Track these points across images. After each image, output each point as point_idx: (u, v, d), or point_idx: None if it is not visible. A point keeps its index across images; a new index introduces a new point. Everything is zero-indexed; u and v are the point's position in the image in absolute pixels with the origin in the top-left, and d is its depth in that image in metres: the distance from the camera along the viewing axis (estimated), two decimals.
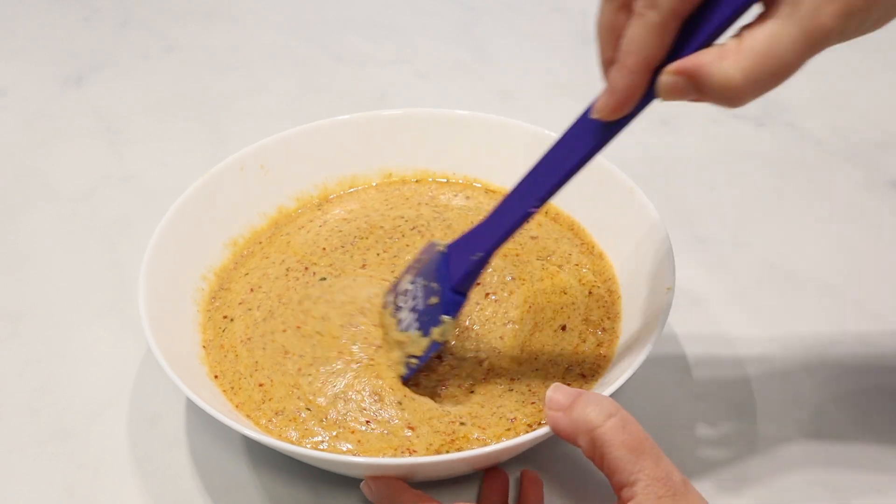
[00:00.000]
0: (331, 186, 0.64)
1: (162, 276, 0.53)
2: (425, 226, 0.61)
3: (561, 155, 0.45)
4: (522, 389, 0.51)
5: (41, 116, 0.81)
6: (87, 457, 0.52)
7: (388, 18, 0.94)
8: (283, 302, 0.56)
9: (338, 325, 0.53)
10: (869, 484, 0.51)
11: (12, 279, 0.64)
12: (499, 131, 0.63)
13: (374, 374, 0.50)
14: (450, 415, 0.49)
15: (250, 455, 0.52)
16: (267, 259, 0.59)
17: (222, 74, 0.86)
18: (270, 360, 0.52)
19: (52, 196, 0.72)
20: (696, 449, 0.52)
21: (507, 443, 0.44)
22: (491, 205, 0.62)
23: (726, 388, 0.56)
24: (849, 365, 0.57)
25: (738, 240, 0.66)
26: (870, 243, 0.66)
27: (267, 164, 0.61)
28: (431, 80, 0.85)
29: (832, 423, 0.54)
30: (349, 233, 0.60)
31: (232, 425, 0.44)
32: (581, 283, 0.57)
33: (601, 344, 0.53)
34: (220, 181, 0.59)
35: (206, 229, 0.58)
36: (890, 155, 0.74)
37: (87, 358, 0.58)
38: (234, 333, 0.54)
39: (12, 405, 0.56)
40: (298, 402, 0.50)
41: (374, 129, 0.64)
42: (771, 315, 0.60)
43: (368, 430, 0.48)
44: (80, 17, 0.94)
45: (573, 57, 0.87)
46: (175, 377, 0.46)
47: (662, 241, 0.53)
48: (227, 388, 0.51)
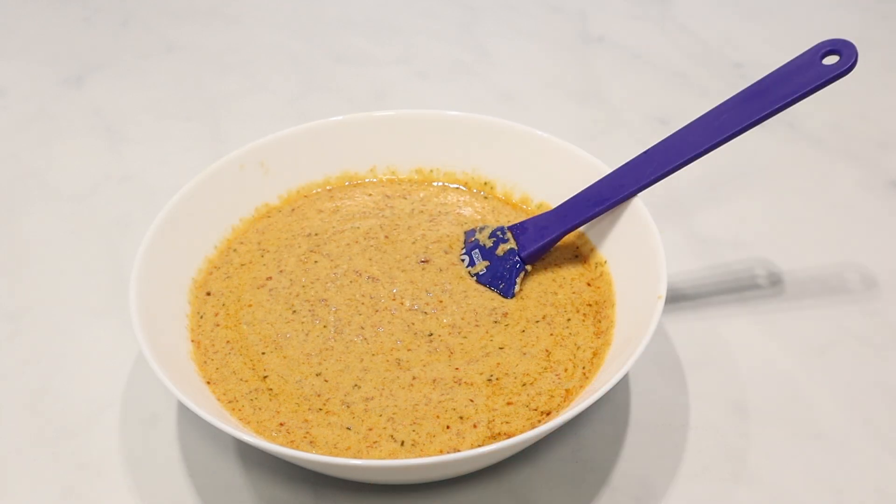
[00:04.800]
0: (329, 185, 0.64)
1: (156, 274, 0.53)
2: (419, 226, 0.61)
3: (675, 146, 0.54)
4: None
5: (41, 116, 0.81)
6: (87, 457, 0.52)
7: (388, 18, 0.94)
8: (280, 300, 0.56)
9: (335, 320, 0.53)
10: (869, 484, 0.51)
11: (12, 279, 0.64)
12: (497, 132, 0.63)
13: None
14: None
15: (243, 457, 0.52)
16: (263, 257, 0.59)
17: (222, 74, 0.86)
18: (268, 359, 0.52)
19: (52, 196, 0.72)
20: (696, 449, 0.52)
21: (505, 442, 0.44)
22: (490, 205, 0.63)
23: (725, 388, 0.55)
24: (849, 365, 0.57)
25: (738, 240, 0.66)
26: (870, 243, 0.66)
27: (267, 162, 0.62)
28: (431, 80, 0.85)
29: (832, 423, 0.54)
30: (348, 232, 0.61)
31: (225, 429, 0.44)
32: (573, 292, 0.57)
33: (597, 354, 0.53)
34: (218, 180, 0.59)
35: (201, 228, 0.58)
36: (890, 155, 0.74)
37: (88, 358, 0.58)
38: (230, 333, 0.54)
39: (12, 405, 0.56)
40: (298, 403, 0.50)
41: (373, 129, 0.64)
42: (771, 315, 0.60)
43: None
44: (80, 17, 0.94)
45: (573, 57, 0.87)
46: (167, 381, 0.46)
47: (656, 248, 0.53)
48: (220, 394, 0.51)
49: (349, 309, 0.55)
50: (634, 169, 0.56)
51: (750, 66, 0.85)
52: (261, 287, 0.57)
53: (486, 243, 0.58)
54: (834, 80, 0.51)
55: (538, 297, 0.56)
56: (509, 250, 0.57)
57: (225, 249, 0.59)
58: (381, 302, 0.55)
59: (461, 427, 0.49)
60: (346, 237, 0.60)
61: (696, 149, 0.54)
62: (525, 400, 0.50)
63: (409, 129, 0.64)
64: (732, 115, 0.53)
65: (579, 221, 0.57)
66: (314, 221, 0.62)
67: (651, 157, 0.55)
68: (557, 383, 0.51)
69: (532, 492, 0.50)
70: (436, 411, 0.49)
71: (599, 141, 0.76)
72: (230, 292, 0.57)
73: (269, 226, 0.61)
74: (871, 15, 0.92)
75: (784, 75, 0.53)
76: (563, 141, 0.61)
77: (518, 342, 0.53)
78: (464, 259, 0.58)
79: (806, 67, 0.52)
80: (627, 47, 0.88)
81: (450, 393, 0.50)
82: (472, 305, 0.55)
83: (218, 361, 0.53)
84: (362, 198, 0.64)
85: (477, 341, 0.53)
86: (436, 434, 0.48)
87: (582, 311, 0.55)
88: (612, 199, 0.56)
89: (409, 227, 0.61)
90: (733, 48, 0.88)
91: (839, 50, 0.51)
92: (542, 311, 0.55)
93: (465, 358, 0.52)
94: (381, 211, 0.62)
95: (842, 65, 0.50)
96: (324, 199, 0.63)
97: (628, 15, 0.93)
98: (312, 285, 0.57)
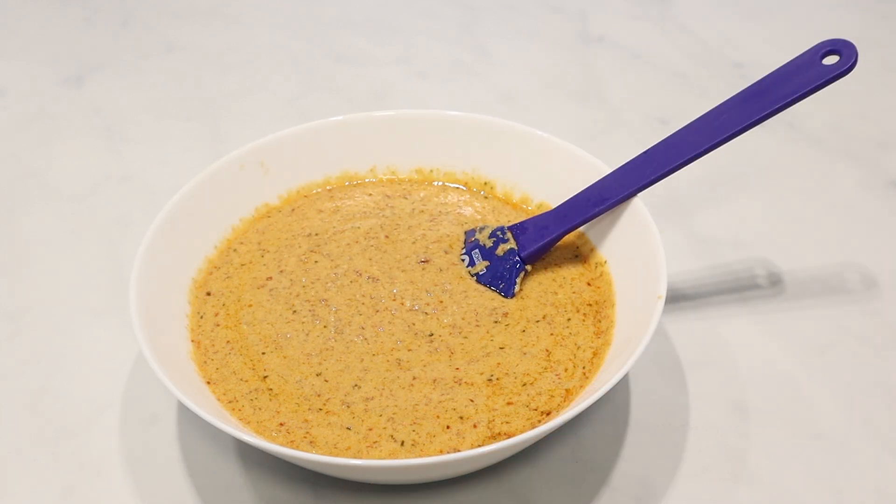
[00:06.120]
0: (329, 185, 0.64)
1: (156, 274, 0.53)
2: (420, 226, 0.61)
3: (675, 146, 0.54)
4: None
5: (41, 116, 0.81)
6: (87, 457, 0.52)
7: (388, 18, 0.94)
8: (281, 300, 0.56)
9: (335, 320, 0.53)
10: (869, 484, 0.51)
11: (12, 279, 0.64)
12: (497, 132, 0.63)
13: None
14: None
15: (243, 457, 0.52)
16: (263, 257, 0.59)
17: (222, 74, 0.86)
18: (268, 359, 0.52)
19: (52, 196, 0.72)
20: (696, 449, 0.52)
21: (505, 442, 0.44)
22: (490, 205, 0.63)
23: (725, 388, 0.55)
24: (849, 365, 0.57)
25: (738, 240, 0.66)
26: (870, 243, 0.66)
27: (267, 162, 0.62)
28: (431, 80, 0.85)
29: (832, 423, 0.54)
30: (348, 232, 0.61)
31: (225, 429, 0.44)
32: (573, 292, 0.57)
33: (597, 353, 0.53)
34: (218, 180, 0.59)
35: (201, 228, 0.58)
36: (890, 155, 0.74)
37: (88, 358, 0.58)
38: (230, 333, 0.54)
39: (12, 405, 0.56)
40: (298, 403, 0.50)
41: (373, 129, 0.64)
42: (771, 315, 0.60)
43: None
44: (80, 17, 0.94)
45: (573, 57, 0.87)
46: (167, 381, 0.46)
47: (656, 248, 0.53)
48: (220, 394, 0.51)
49: (349, 309, 0.55)
50: (634, 169, 0.56)
51: (750, 66, 0.85)
52: (261, 287, 0.57)
53: (486, 243, 0.58)
54: (834, 80, 0.51)
55: (538, 296, 0.56)
56: (509, 250, 0.57)
57: (225, 249, 0.59)
58: (381, 302, 0.55)
59: (461, 427, 0.49)
60: (347, 237, 0.60)
61: (696, 149, 0.54)
62: (525, 400, 0.50)
63: (409, 129, 0.64)
64: (732, 115, 0.53)
65: (579, 221, 0.57)
66: (314, 221, 0.62)
67: (651, 157, 0.56)
68: (557, 383, 0.51)
69: (532, 492, 0.50)
70: (436, 411, 0.49)
71: (599, 141, 0.76)
72: (230, 292, 0.57)
73: (270, 226, 0.61)
74: (871, 15, 0.92)
75: (784, 75, 0.53)
76: (563, 141, 0.61)
77: (518, 342, 0.53)
78: (464, 259, 0.58)
79: (806, 67, 0.52)
80: (627, 47, 0.88)
81: (450, 393, 0.50)
82: (472, 305, 0.55)
83: (218, 361, 0.53)
84: (362, 198, 0.64)
85: (477, 341, 0.53)
86: (436, 434, 0.48)
87: (582, 311, 0.55)
88: (612, 199, 0.56)
89: (409, 226, 0.61)
90: (733, 48, 0.88)
91: (839, 50, 0.51)
92: (542, 310, 0.55)
93: (466, 358, 0.52)
94: (381, 211, 0.62)
95: (842, 65, 0.51)
96: (324, 199, 0.63)
97: (628, 15, 0.93)
98: (313, 285, 0.57)
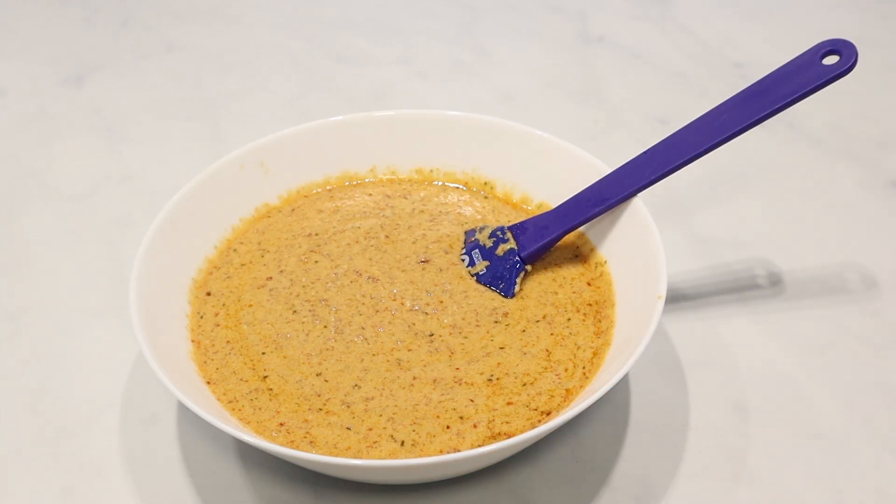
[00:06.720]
0: (329, 185, 0.64)
1: (156, 274, 0.53)
2: (420, 226, 0.61)
3: (675, 146, 0.55)
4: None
5: (41, 116, 0.81)
6: (87, 457, 0.52)
7: (388, 18, 0.94)
8: (281, 300, 0.56)
9: (335, 320, 0.53)
10: (869, 484, 0.51)
11: (12, 279, 0.64)
12: (497, 132, 0.63)
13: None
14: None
15: (243, 457, 0.52)
16: (264, 257, 0.59)
17: (222, 74, 0.86)
18: (268, 359, 0.52)
19: (52, 196, 0.72)
20: (696, 449, 0.52)
21: (505, 442, 0.44)
22: (490, 205, 0.63)
23: (725, 388, 0.55)
24: (849, 365, 0.57)
25: (738, 240, 0.66)
26: (870, 243, 0.66)
27: (267, 162, 0.62)
28: (431, 80, 0.85)
29: (832, 423, 0.54)
30: (348, 232, 0.61)
31: (225, 429, 0.44)
32: (573, 292, 0.57)
33: (597, 353, 0.53)
34: (218, 180, 0.59)
35: (201, 228, 0.58)
36: (890, 155, 0.74)
37: (88, 358, 0.58)
38: (230, 333, 0.54)
39: (12, 405, 0.56)
40: (298, 403, 0.50)
41: (373, 129, 0.64)
42: (771, 315, 0.60)
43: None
44: (80, 17, 0.94)
45: (573, 57, 0.87)
46: (167, 381, 0.46)
47: (656, 248, 0.53)
48: (220, 394, 0.51)
49: (349, 309, 0.55)
50: (634, 169, 0.56)
51: (750, 66, 0.85)
52: (261, 287, 0.57)
53: (486, 243, 0.58)
54: (834, 80, 0.51)
55: (538, 296, 0.56)
56: (509, 250, 0.57)
57: (225, 249, 0.59)
58: (381, 302, 0.55)
59: (461, 427, 0.49)
60: (347, 237, 0.60)
61: (696, 149, 0.54)
62: (525, 400, 0.50)
63: (409, 129, 0.64)
64: (732, 115, 0.53)
65: (579, 221, 0.57)
66: (314, 221, 0.62)
67: (651, 157, 0.56)
68: (557, 383, 0.51)
69: (532, 492, 0.50)
70: (436, 411, 0.49)
71: (599, 141, 0.76)
72: (230, 292, 0.57)
73: (270, 226, 0.61)
74: (871, 15, 0.92)
75: (784, 75, 0.53)
76: (563, 141, 0.61)
77: (518, 342, 0.53)
78: (464, 259, 0.58)
79: (806, 67, 0.52)
80: (627, 47, 0.88)
81: (450, 393, 0.50)
82: (472, 305, 0.55)
83: (218, 361, 0.53)
84: (362, 198, 0.64)
85: (477, 341, 0.53)
86: (436, 434, 0.48)
87: (582, 311, 0.55)
88: (612, 199, 0.56)
89: (409, 226, 0.61)
90: (733, 48, 0.88)
91: (839, 50, 0.51)
92: (542, 310, 0.55)
93: (466, 358, 0.52)
94: (381, 211, 0.62)
95: (842, 65, 0.51)
96: (324, 199, 0.63)
97: (628, 15, 0.93)
98: (313, 285, 0.57)
